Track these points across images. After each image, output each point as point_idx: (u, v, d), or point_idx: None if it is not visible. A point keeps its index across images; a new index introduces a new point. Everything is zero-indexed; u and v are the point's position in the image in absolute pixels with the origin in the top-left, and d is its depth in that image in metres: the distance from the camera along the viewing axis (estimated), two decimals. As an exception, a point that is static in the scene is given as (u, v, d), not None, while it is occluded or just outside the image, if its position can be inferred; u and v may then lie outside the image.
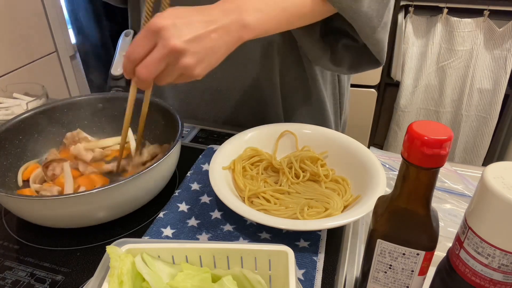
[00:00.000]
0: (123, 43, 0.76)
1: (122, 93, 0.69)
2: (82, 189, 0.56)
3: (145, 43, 0.44)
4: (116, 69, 0.73)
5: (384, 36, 0.61)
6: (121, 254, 0.35)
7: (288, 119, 0.77)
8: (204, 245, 0.37)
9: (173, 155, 0.55)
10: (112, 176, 0.61)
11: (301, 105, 0.77)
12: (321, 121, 0.79)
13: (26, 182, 0.59)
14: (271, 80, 0.72)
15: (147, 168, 0.49)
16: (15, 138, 0.60)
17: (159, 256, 0.37)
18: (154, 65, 0.44)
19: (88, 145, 0.64)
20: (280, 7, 0.50)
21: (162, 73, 0.46)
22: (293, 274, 0.34)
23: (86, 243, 0.50)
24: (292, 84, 0.74)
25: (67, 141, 0.65)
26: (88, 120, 0.67)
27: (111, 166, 0.62)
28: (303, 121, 0.77)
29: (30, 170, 0.60)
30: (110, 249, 0.35)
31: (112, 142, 0.66)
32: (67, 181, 0.57)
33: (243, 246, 0.37)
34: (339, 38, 0.65)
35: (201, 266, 0.37)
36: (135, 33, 0.83)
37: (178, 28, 0.43)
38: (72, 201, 0.46)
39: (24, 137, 0.61)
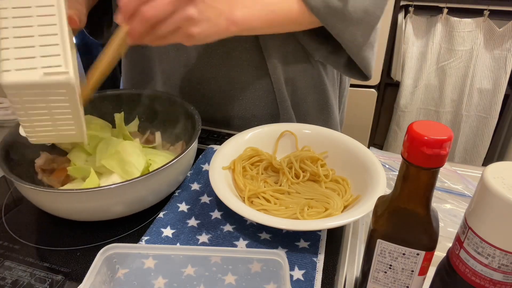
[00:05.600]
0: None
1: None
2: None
3: None
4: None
5: (369, 54, 0.63)
6: None
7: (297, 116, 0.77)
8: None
9: (190, 153, 0.56)
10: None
11: (311, 106, 0.77)
12: (327, 116, 0.79)
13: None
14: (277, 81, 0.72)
15: (167, 164, 0.50)
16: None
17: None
18: (163, 5, 0.44)
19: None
20: (267, 8, 0.54)
21: (162, 23, 0.46)
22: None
23: (86, 243, 0.50)
24: (302, 86, 0.74)
25: (44, 167, 0.59)
26: None
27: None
28: (311, 118, 0.77)
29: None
30: None
31: None
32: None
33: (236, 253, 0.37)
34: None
35: None
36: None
37: None
38: (96, 194, 0.47)
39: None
